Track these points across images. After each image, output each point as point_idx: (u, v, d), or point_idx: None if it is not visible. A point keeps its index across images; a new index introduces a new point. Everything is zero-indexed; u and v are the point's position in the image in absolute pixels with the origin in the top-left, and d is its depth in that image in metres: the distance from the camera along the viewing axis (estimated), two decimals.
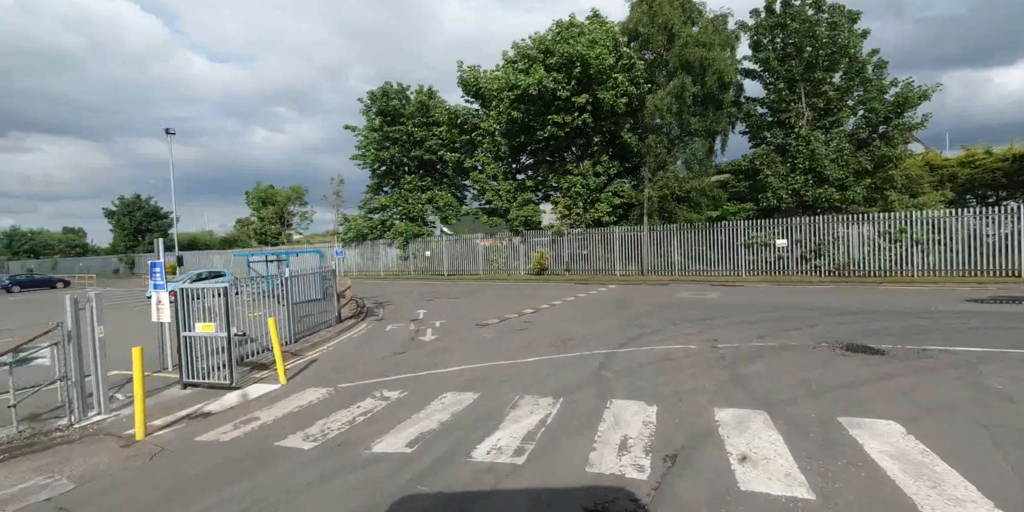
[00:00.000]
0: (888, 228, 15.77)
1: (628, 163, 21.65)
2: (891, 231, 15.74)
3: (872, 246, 15.97)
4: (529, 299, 14.57)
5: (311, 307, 10.21)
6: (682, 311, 10.91)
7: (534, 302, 13.71)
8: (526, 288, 18.66)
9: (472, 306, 13.62)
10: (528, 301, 14.03)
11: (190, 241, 62.75)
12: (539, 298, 14.76)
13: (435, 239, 28.31)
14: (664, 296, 14.11)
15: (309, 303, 10.24)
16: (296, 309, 9.21)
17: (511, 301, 14.29)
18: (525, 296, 15.58)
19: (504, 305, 13.44)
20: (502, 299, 15.01)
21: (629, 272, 20.95)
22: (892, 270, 15.78)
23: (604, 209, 20.95)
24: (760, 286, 15.82)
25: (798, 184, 16.43)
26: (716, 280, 17.65)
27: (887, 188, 16.72)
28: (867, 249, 16.03)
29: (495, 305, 13.60)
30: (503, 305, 13.45)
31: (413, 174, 29.20)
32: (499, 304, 13.79)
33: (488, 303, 14.18)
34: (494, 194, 24.37)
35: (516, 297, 15.39)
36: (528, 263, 24.05)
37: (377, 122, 27.53)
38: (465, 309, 13.07)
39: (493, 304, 13.89)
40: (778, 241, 16.97)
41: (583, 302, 13.48)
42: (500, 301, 14.47)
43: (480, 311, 12.48)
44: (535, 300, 14.21)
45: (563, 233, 22.75)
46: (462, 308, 13.31)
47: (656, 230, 19.96)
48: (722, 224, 18.26)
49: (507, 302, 14.10)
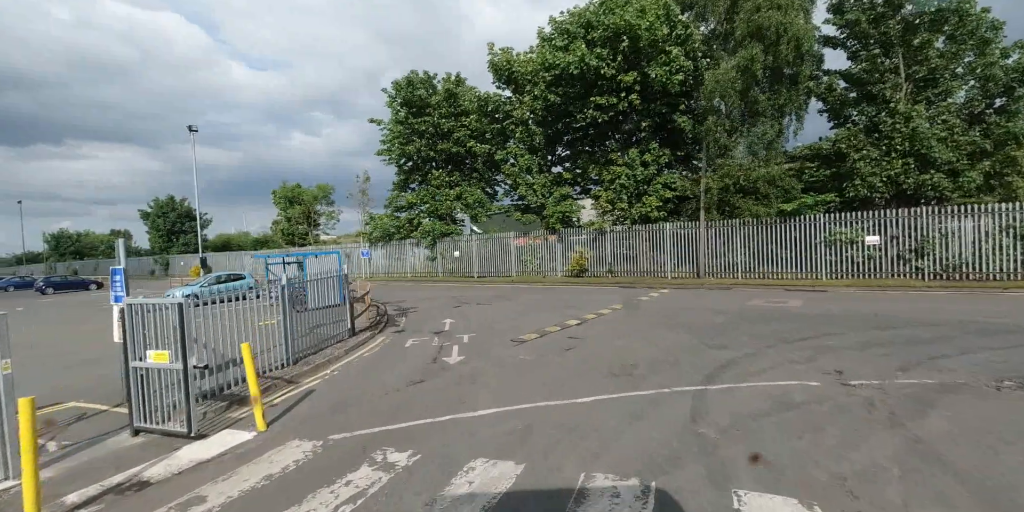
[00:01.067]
0: (1013, 221, 13.07)
1: (680, 151, 19.51)
2: (1017, 225, 13.04)
3: (992, 243, 13.30)
4: (570, 306, 12.84)
5: (319, 317, 8.87)
6: (767, 325, 8.91)
7: (577, 310, 11.98)
8: (565, 292, 16.91)
9: (505, 315, 12.02)
10: (570, 309, 12.30)
11: (224, 242, 64.51)
12: (582, 305, 13.00)
13: (464, 238, 26.94)
14: (733, 303, 12.06)
15: (318, 313, 8.91)
16: (298, 321, 7.85)
17: (550, 309, 12.60)
18: (565, 302, 13.86)
19: (542, 314, 11.77)
20: (539, 306, 13.35)
21: (682, 274, 18.82)
22: (1018, 272, 13.08)
23: (653, 203, 18.91)
24: (847, 291, 13.46)
25: (895, 170, 13.93)
26: (790, 284, 15.33)
27: (1009, 173, 13.95)
28: (985, 247, 13.36)
29: (532, 313, 11.95)
30: (541, 314, 11.79)
31: (440, 169, 27.94)
32: (536, 312, 12.13)
33: (523, 311, 12.54)
34: (527, 189, 22.71)
35: (555, 304, 13.69)
36: (565, 264, 22.26)
37: (402, 114, 26.40)
38: (497, 318, 11.49)
39: (529, 312, 12.25)
40: (868, 238, 14.51)
41: (636, 311, 11.63)
42: (537, 308, 12.81)
43: (515, 321, 10.87)
44: (578, 308, 12.47)
45: (605, 231, 20.84)
46: (494, 317, 11.74)
47: (715, 226, 17.76)
48: (797, 219, 15.90)
49: (545, 310, 12.43)
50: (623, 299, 14.00)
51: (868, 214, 14.58)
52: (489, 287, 20.92)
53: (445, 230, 27.65)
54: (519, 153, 22.61)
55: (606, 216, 21.34)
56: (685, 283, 17.64)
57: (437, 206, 27.45)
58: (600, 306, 12.66)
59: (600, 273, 21.11)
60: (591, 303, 13.42)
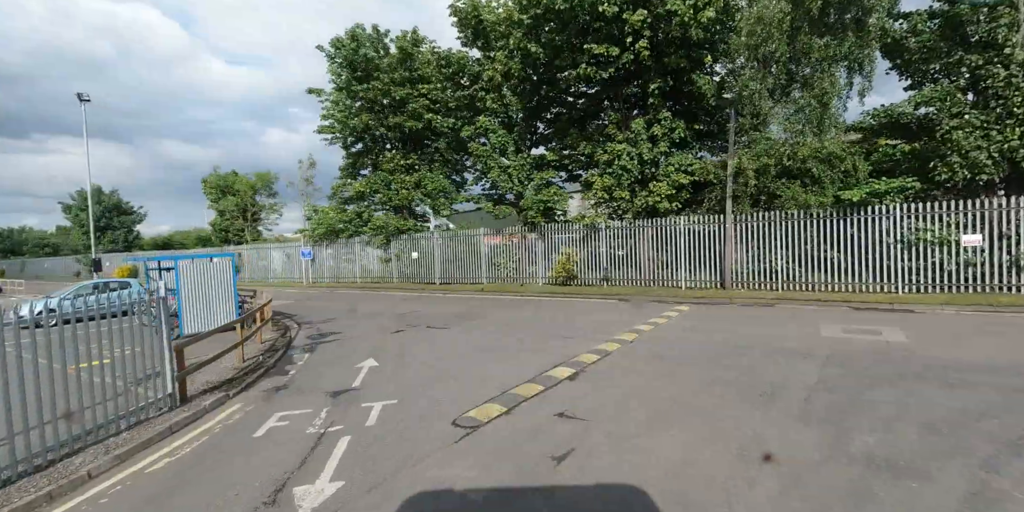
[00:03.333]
0: None
1: (699, 124, 15.87)
2: None
3: None
4: (556, 336, 9.01)
5: (99, 372, 4.75)
6: (915, 390, 5.21)
7: (566, 344, 8.17)
8: (548, 308, 13.06)
9: (459, 351, 8.08)
10: (555, 341, 8.48)
11: (166, 241, 59.24)
12: (573, 333, 9.18)
13: (425, 236, 22.84)
14: (798, 334, 8.43)
15: (97, 371, 4.79)
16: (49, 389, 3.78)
17: (527, 339, 8.73)
18: (548, 327, 10.01)
19: (515, 350, 7.91)
20: (511, 333, 9.47)
21: (701, 284, 15.19)
22: None
23: (663, 191, 15.23)
24: (949, 312, 10.00)
25: (1011, 141, 10.52)
26: (855, 299, 11.82)
27: None
28: None
29: (498, 350, 8.06)
30: (513, 350, 7.93)
31: (395, 150, 23.76)
32: (506, 347, 8.25)
33: (487, 344, 8.63)
34: (501, 173, 18.78)
35: (534, 330, 9.83)
36: (549, 269, 18.42)
37: (344, 78, 22.08)
38: (445, 360, 7.56)
39: (495, 347, 8.36)
40: (966, 237, 11.10)
41: (658, 347, 7.83)
42: (508, 339, 8.92)
43: (471, 368, 6.98)
44: (567, 338, 8.65)
45: (599, 227, 17.09)
46: (440, 357, 7.80)
47: (746, 220, 14.18)
48: (862, 211, 12.43)
49: (520, 343, 8.55)
50: (629, 321, 10.21)
51: (966, 205, 11.17)
52: (451, 298, 16.93)
53: (401, 225, 23.50)
54: (490, 128, 18.66)
55: (601, 208, 17.60)
56: (706, 296, 14.01)
57: (391, 196, 23.24)
58: (599, 334, 8.86)
59: (592, 281, 17.34)
60: (586, 329, 9.60)
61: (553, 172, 18.44)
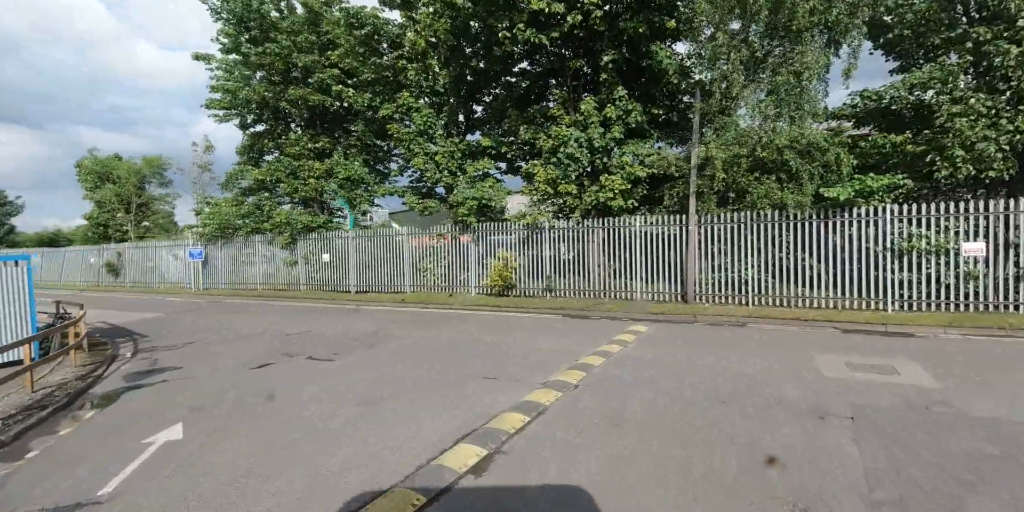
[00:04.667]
0: None
1: (659, 108, 13.89)
2: None
3: None
4: (476, 374, 6.49)
5: None
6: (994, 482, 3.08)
7: (486, 389, 5.64)
8: (476, 328, 10.50)
9: (326, 409, 5.30)
10: (473, 385, 5.93)
11: (51, 237, 53.02)
12: (500, 369, 6.69)
13: (339, 235, 19.63)
14: (792, 373, 6.42)
15: None
16: None
17: (433, 383, 6.08)
18: (469, 359, 7.45)
19: (408, 404, 5.24)
20: (417, 371, 6.79)
21: (660, 296, 13.18)
22: None
23: (616, 185, 13.11)
24: (954, 336, 8.41)
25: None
26: (839, 318, 10.13)
27: None
28: None
29: (387, 401, 5.36)
30: (405, 404, 5.27)
31: (303, 131, 20.37)
32: (399, 396, 5.57)
33: (374, 391, 5.91)
34: (427, 161, 16.03)
35: (450, 363, 7.23)
36: (484, 276, 15.89)
37: (232, 36, 18.46)
38: (291, 431, 4.76)
39: (384, 396, 5.67)
40: (967, 245, 9.65)
41: (608, 396, 5.46)
42: (408, 382, 6.23)
43: (324, 449, 4.24)
44: (489, 380, 6.13)
45: (542, 227, 14.77)
46: (290, 420, 5.01)
47: (712, 222, 12.31)
48: (847, 213, 10.82)
49: (422, 389, 5.88)
50: (574, 349, 7.84)
51: (967, 207, 9.73)
52: (363, 312, 13.99)
53: (310, 222, 20.13)
54: (414, 107, 15.85)
55: (544, 205, 15.31)
56: (666, 312, 11.99)
57: (297, 186, 19.82)
58: (535, 372, 6.42)
59: (534, 291, 14.98)
60: (517, 362, 7.14)
61: (489, 162, 15.93)
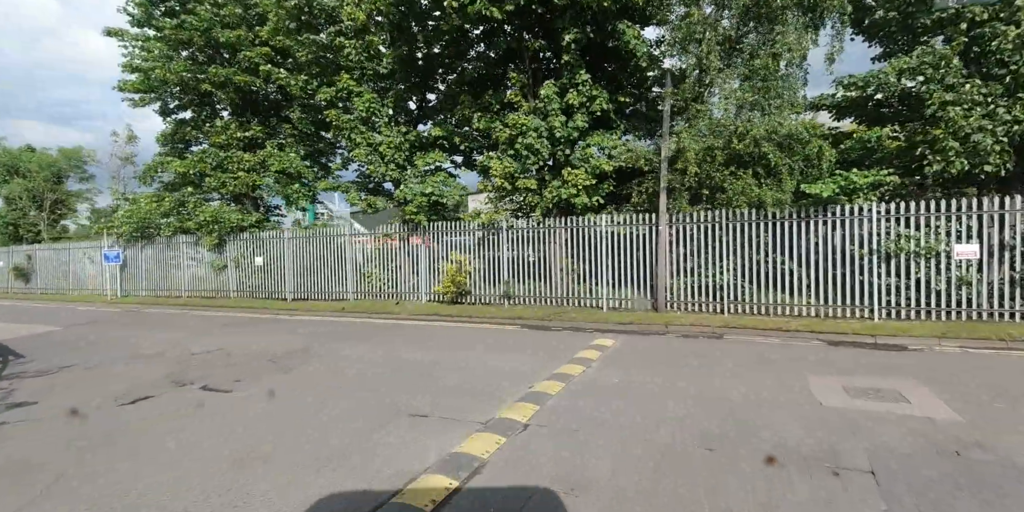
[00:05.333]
0: None
1: (626, 96, 12.78)
2: None
3: None
4: (402, 409, 5.03)
5: None
6: None
7: (410, 433, 4.20)
8: (419, 343, 9.02)
9: (205, 472, 3.70)
10: (395, 426, 4.48)
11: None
12: (434, 402, 5.26)
13: (274, 236, 17.70)
14: (785, 401, 5.29)
15: None
16: None
17: (346, 424, 4.59)
18: (402, 386, 5.99)
19: (331, 453, 3.69)
20: (331, 405, 5.29)
21: (628, 302, 12.07)
22: None
23: (580, 180, 11.92)
24: (951, 349, 7.59)
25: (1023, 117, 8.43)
26: (823, 328, 9.24)
27: None
28: None
29: (301, 451, 3.80)
30: (328, 454, 3.70)
31: (232, 117, 18.30)
32: (294, 449, 3.97)
33: (290, 437, 4.35)
34: (370, 153, 14.41)
35: (376, 392, 5.75)
36: (436, 282, 14.42)
37: (141, 12, 16.26)
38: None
39: (299, 444, 4.08)
40: (959, 247, 8.92)
41: (564, 444, 4.12)
42: (335, 419, 4.72)
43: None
44: (417, 419, 4.68)
45: (499, 227, 13.44)
46: (146, 496, 3.36)
47: (684, 221, 11.28)
48: (830, 211, 9.96)
49: (354, 426, 4.38)
50: (528, 370, 6.52)
51: (959, 206, 9.00)
52: (295, 323, 12.26)
53: (241, 221, 18.10)
54: (355, 91, 14.20)
55: (503, 202, 13.98)
56: (635, 321, 10.89)
57: (225, 180, 17.74)
58: (476, 406, 5.06)
59: (491, 298, 13.63)
60: (459, 389, 5.75)
61: (441, 154, 14.45)
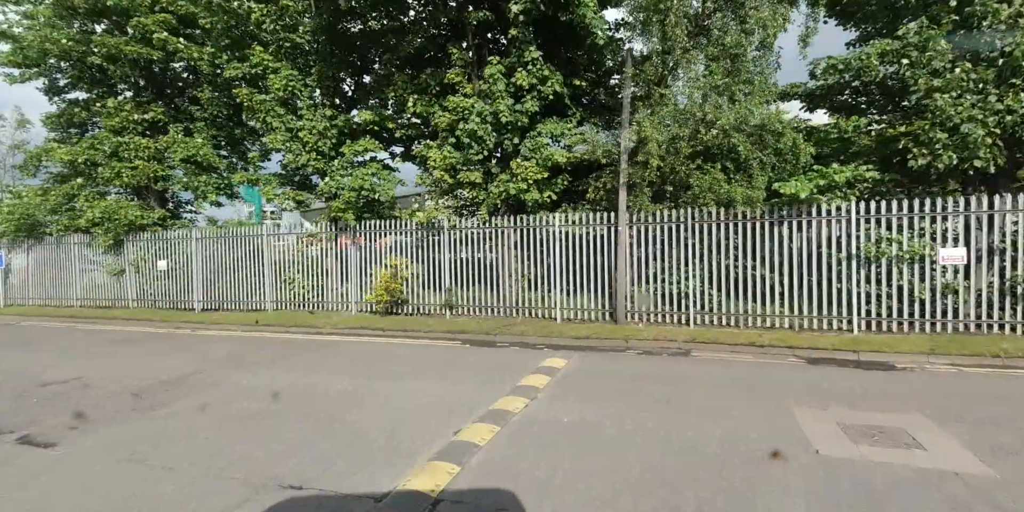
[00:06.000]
0: None
1: (582, 80, 11.50)
2: None
3: None
4: (313, 453, 3.38)
5: None
6: None
7: (304, 506, 2.60)
8: (342, 366, 7.32)
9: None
10: (283, 492, 2.85)
11: None
12: (348, 446, 3.68)
13: (180, 236, 15.39)
14: (769, 444, 4.05)
15: None
16: None
17: (226, 491, 2.96)
18: (307, 431, 4.30)
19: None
20: (216, 457, 3.57)
21: (584, 312, 10.79)
22: None
23: (531, 173, 10.55)
24: (943, 368, 6.71)
25: (1020, 111, 7.67)
26: (799, 341, 8.27)
27: None
28: None
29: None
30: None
31: (131, 99, 15.82)
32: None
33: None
34: (289, 139, 12.51)
35: (273, 437, 4.06)
36: (367, 289, 12.69)
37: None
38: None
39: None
40: (944, 252, 8.12)
41: (513, 506, 2.69)
42: (174, 499, 3.04)
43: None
44: (323, 475, 3.06)
45: (441, 226, 11.88)
46: None
47: (647, 222, 10.10)
48: (805, 211, 9.00)
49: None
50: (461, 403, 5.03)
51: (945, 205, 8.20)
52: (194, 341, 10.25)
53: (140, 218, 15.66)
54: (272, 67, 12.27)
55: (443, 200, 12.43)
56: (593, 335, 9.64)
57: (121, 170, 15.25)
58: (383, 463, 3.48)
59: (431, 308, 12.05)
60: (367, 433, 4.16)
61: (373, 142, 12.72)
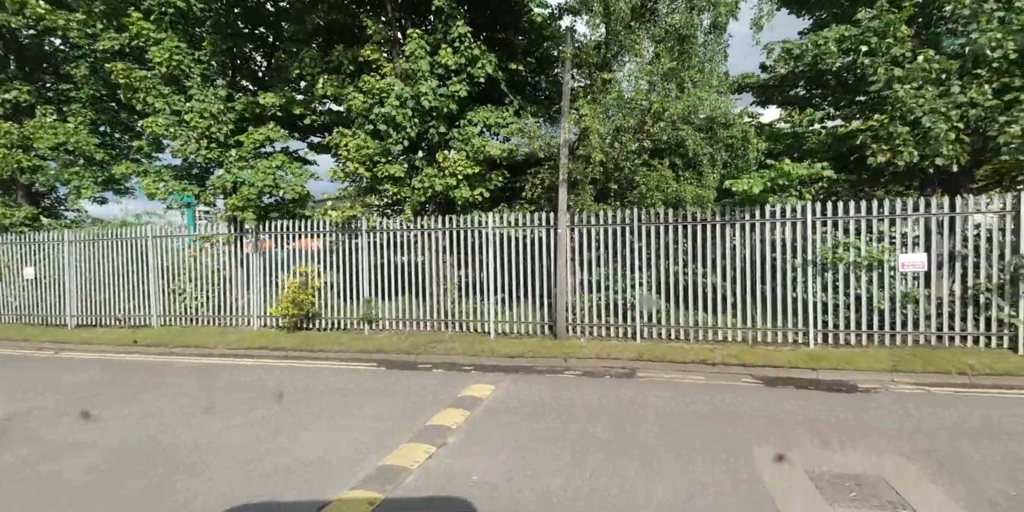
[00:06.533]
0: None
1: (523, 64, 10.31)
2: None
3: None
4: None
5: None
6: None
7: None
8: (215, 410, 5.71)
9: None
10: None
11: None
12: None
13: (52, 238, 13.01)
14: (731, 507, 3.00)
15: None
16: None
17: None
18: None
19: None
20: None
21: (521, 326, 9.61)
22: None
23: (461, 166, 9.26)
24: (907, 388, 6.03)
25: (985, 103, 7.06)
26: (754, 358, 7.47)
27: None
28: None
29: None
30: None
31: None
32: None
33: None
34: (174, 123, 10.61)
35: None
36: (274, 300, 10.99)
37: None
38: None
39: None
40: (904, 257, 7.51)
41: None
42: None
43: None
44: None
45: (359, 228, 10.37)
46: None
47: (589, 223, 9.04)
48: (758, 213, 8.21)
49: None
50: (349, 461, 3.70)
51: (905, 206, 7.60)
52: (51, 366, 8.28)
53: (2, 217, 13.16)
54: (151, 37, 10.33)
55: (361, 198, 10.92)
56: (527, 353, 8.52)
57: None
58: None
59: (347, 322, 10.51)
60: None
61: (278, 130, 11.01)
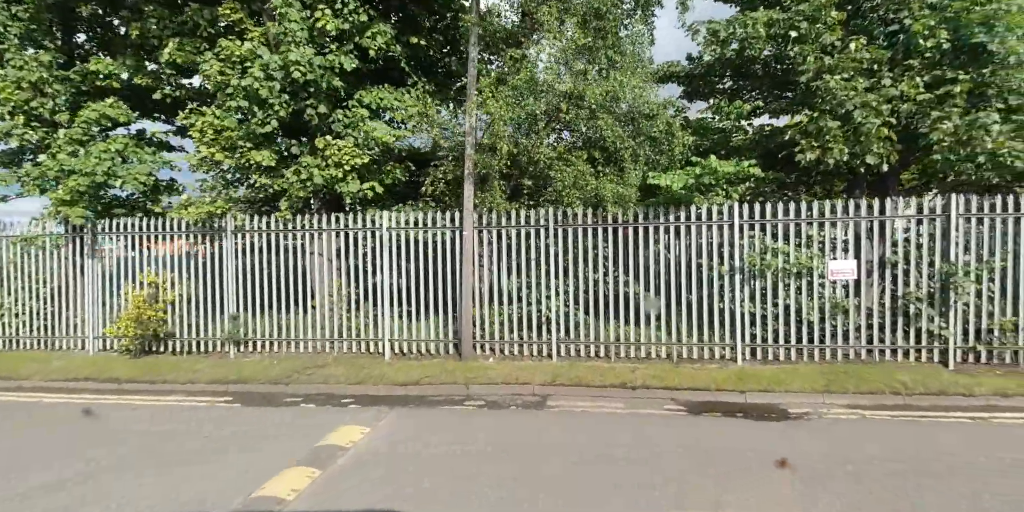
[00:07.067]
0: None
1: (429, 39, 8.96)
2: None
3: None
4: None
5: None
6: None
7: None
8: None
9: None
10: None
11: None
12: None
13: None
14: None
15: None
16: None
17: None
18: None
19: None
20: None
21: (422, 344, 8.23)
22: None
23: (347, 155, 7.77)
24: (842, 412, 5.34)
25: (916, 96, 6.56)
26: (678, 380, 6.64)
27: None
28: None
29: None
30: None
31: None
32: None
33: None
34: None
35: None
36: (114, 318, 8.89)
37: None
38: None
39: None
40: (834, 264, 6.96)
41: None
42: None
43: None
44: None
45: (221, 229, 8.55)
46: None
47: (499, 225, 7.86)
48: (684, 214, 7.40)
49: None
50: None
51: (834, 208, 7.05)
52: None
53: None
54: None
55: (225, 192, 9.11)
56: (426, 378, 7.22)
57: None
58: None
59: (209, 342, 8.63)
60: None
61: (119, 106, 8.94)
